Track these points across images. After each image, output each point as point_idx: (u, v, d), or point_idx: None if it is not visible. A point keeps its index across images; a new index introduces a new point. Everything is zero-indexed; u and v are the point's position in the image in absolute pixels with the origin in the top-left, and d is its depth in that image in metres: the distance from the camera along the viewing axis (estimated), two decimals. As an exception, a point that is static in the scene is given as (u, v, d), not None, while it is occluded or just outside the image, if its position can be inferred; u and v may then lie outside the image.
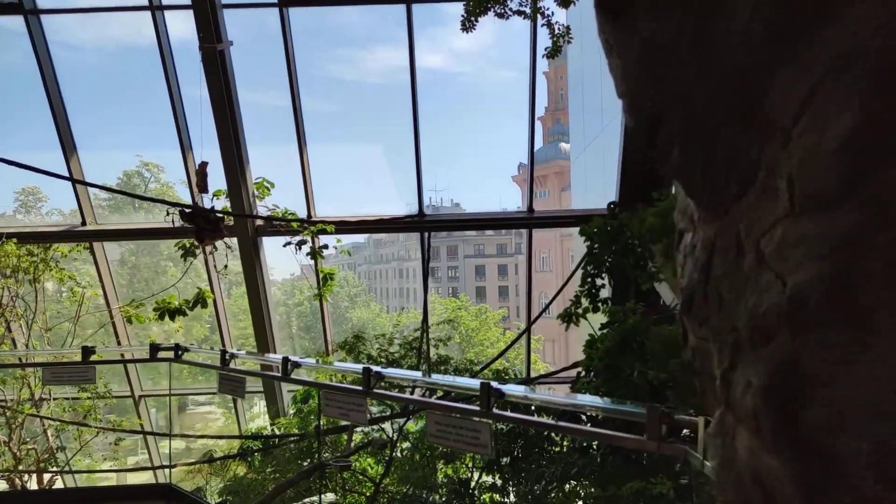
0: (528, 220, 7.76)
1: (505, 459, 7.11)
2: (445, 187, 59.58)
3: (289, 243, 7.48)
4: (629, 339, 2.98)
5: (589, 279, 3.06)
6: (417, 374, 4.22)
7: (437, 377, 3.80)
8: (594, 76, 11.07)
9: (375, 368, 3.63)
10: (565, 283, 7.27)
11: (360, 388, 3.63)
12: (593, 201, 10.81)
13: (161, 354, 4.90)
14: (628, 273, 3.09)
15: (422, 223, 7.71)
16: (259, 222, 7.77)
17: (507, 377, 7.73)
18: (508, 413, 2.77)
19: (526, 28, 7.22)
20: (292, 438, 7.15)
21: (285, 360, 4.04)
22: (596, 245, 2.99)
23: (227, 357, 4.40)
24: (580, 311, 3.01)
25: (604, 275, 3.17)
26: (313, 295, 7.66)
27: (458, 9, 3.56)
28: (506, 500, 6.77)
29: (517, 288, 55.37)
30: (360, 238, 66.95)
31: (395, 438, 7.16)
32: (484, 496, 7.02)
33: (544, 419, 2.71)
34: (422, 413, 7.02)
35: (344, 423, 7.27)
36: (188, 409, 23.68)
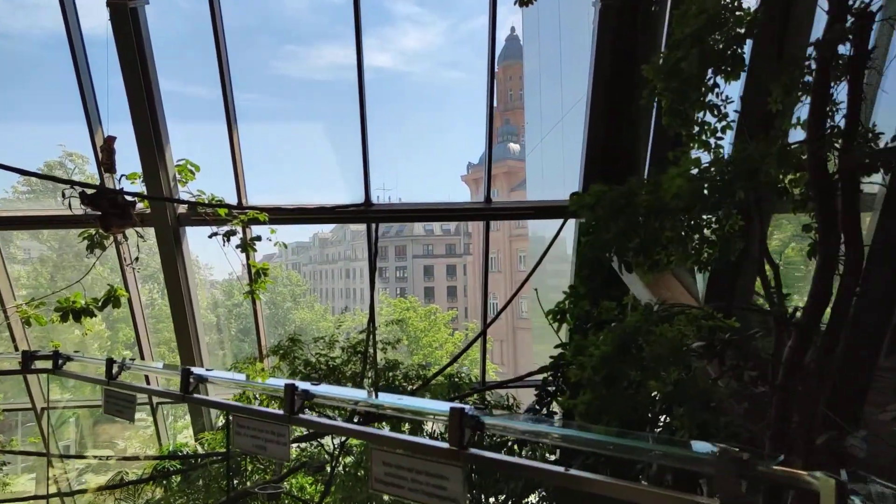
0: (486, 212, 7.09)
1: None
2: (393, 186, 58.42)
3: (215, 234, 6.55)
4: (629, 343, 2.34)
5: (585, 270, 2.37)
6: (361, 394, 3.43)
7: (386, 398, 3.02)
8: (552, 70, 10.56)
9: (302, 386, 2.84)
10: (525, 280, 6.64)
11: (281, 411, 2.84)
12: (551, 195, 10.27)
13: (38, 364, 3.95)
14: (625, 259, 2.43)
15: (368, 213, 6.93)
16: (181, 209, 6.80)
17: (461, 383, 7.04)
18: (489, 454, 2.05)
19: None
20: (217, 458, 6.24)
21: (186, 372, 3.20)
22: (594, 222, 2.30)
23: (114, 369, 3.51)
24: (569, 307, 2.33)
25: (612, 257, 2.48)
26: (243, 294, 6.75)
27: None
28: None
29: (466, 288, 55.01)
30: (305, 237, 65.20)
31: (336, 454, 6.35)
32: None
33: (546, 466, 2.02)
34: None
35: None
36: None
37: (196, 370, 3.22)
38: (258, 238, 6.65)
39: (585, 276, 2.40)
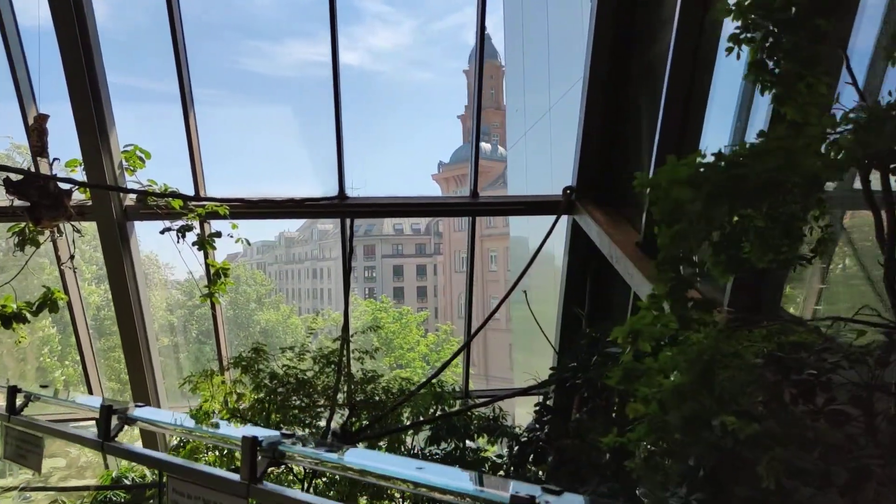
0: (473, 206, 6.46)
1: None
2: (361, 185, 57.21)
3: (168, 229, 5.78)
4: (712, 370, 1.75)
5: (669, 272, 1.74)
6: (331, 456, 2.33)
7: (367, 460, 2.12)
8: (537, 62, 10.01)
9: (268, 439, 2.03)
10: (516, 283, 6.04)
11: (237, 477, 2.01)
12: (537, 191, 9.70)
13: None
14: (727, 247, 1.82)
15: (343, 207, 6.22)
16: (128, 201, 5.98)
17: (446, 393, 6.39)
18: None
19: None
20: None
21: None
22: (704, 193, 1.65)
23: (18, 400, 2.72)
24: (647, 324, 1.75)
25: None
26: (199, 297, 5.99)
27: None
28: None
29: (436, 288, 54.36)
30: (270, 236, 63.67)
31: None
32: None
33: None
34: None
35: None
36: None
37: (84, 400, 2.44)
38: (218, 234, 5.90)
39: (671, 283, 1.76)
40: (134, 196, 5.93)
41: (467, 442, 6.77)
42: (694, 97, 4.94)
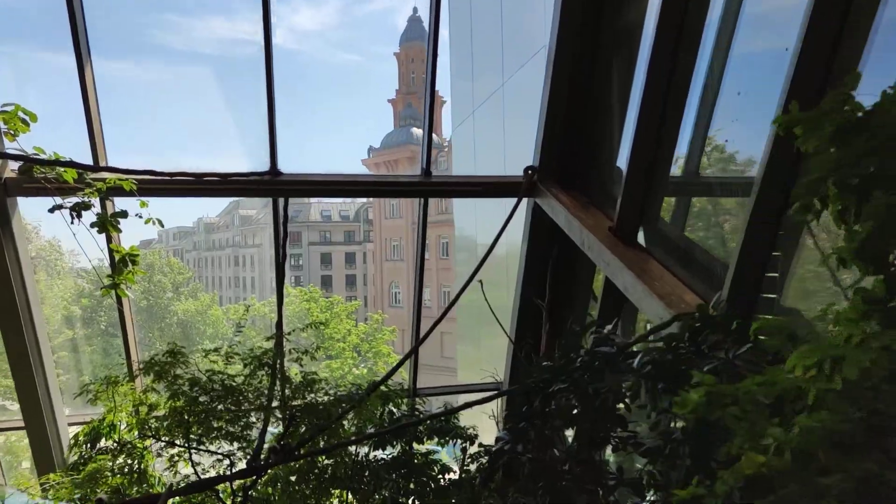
0: (425, 187, 5.78)
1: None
2: (284, 168, 55.01)
3: (59, 207, 4.77)
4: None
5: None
6: None
7: None
8: (487, 36, 9.41)
9: None
10: (475, 271, 5.43)
11: None
12: (486, 173, 9.13)
13: None
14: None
15: (276, 184, 5.38)
16: (8, 172, 4.91)
17: (392, 393, 5.71)
18: None
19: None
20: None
21: None
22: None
23: None
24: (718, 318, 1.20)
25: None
26: (101, 290, 5.01)
27: None
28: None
29: (366, 277, 53.25)
30: (188, 221, 60.34)
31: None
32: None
33: None
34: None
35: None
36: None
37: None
38: (123, 214, 4.94)
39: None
40: (16, 167, 4.87)
41: (416, 445, 6.16)
42: (678, 72, 4.47)
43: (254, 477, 4.17)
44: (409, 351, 5.65)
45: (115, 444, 5.53)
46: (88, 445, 5.62)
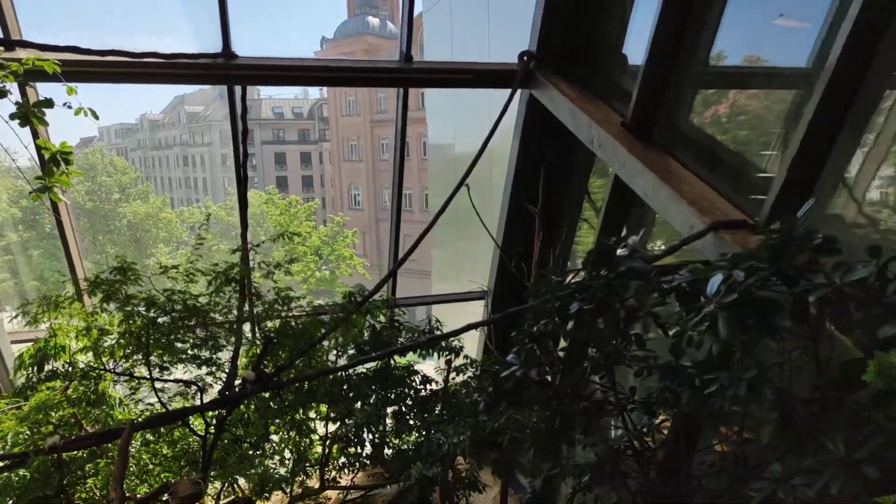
0: (406, 75, 5.02)
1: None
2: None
3: (-37, 93, 3.88)
4: None
5: None
6: None
7: None
8: None
9: None
10: (469, 170, 4.86)
11: None
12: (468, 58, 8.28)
13: None
14: None
15: (231, 69, 4.55)
16: None
17: (372, 305, 5.27)
18: None
19: None
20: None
21: None
22: None
23: None
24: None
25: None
26: (31, 194, 4.24)
27: None
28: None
29: (323, 178, 51.70)
30: (131, 118, 56.61)
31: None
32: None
33: None
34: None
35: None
36: None
37: None
38: (48, 103, 4.08)
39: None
40: None
41: (396, 358, 5.85)
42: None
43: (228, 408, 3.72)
44: (393, 266, 5.13)
45: (66, 366, 4.99)
46: (35, 368, 5.07)
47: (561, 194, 5.70)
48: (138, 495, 4.17)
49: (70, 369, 4.95)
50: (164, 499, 3.39)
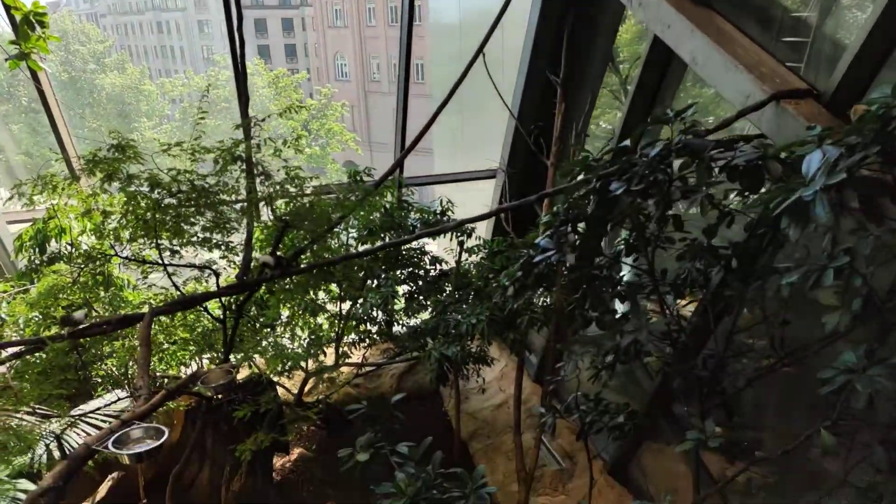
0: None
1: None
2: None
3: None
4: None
5: None
6: None
7: None
8: None
9: None
10: (486, 39, 4.41)
11: None
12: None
13: None
14: None
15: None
16: None
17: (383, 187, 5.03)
18: None
19: None
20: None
21: None
22: None
23: None
24: None
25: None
26: (7, 61, 3.79)
27: None
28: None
29: (307, 46, 48.88)
30: (97, -21, 52.23)
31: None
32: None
33: None
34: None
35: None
36: None
37: None
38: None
39: None
40: None
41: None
42: None
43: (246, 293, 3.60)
44: (410, 144, 4.80)
45: (69, 248, 4.82)
46: (37, 250, 4.91)
47: (584, 62, 5.28)
48: (166, 380, 4.18)
49: (73, 252, 4.79)
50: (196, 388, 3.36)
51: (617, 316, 3.28)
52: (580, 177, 3.24)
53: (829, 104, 2.83)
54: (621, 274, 3.39)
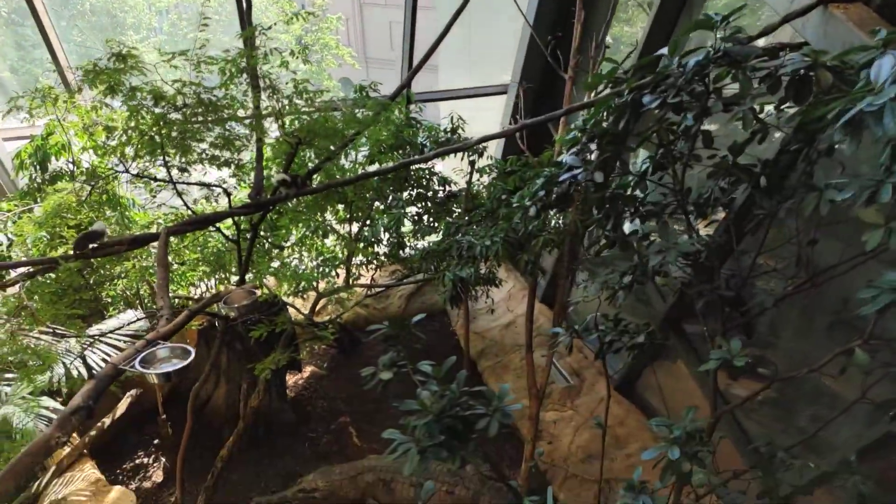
0: None
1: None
2: None
3: None
4: None
5: None
6: None
7: None
8: None
9: None
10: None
11: None
12: None
13: None
14: None
15: None
16: None
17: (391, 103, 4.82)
18: None
19: None
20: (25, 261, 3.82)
21: None
22: None
23: None
24: None
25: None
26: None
27: None
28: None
29: (299, -46, 46.20)
30: None
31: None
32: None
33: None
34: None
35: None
36: None
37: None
38: None
39: None
40: None
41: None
42: None
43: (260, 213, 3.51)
44: (422, 58, 4.55)
45: (71, 166, 4.68)
46: (38, 167, 4.77)
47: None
48: (177, 300, 4.16)
49: (75, 170, 4.65)
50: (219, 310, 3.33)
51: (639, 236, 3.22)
52: (605, 91, 3.10)
53: (880, 8, 2.65)
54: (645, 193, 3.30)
